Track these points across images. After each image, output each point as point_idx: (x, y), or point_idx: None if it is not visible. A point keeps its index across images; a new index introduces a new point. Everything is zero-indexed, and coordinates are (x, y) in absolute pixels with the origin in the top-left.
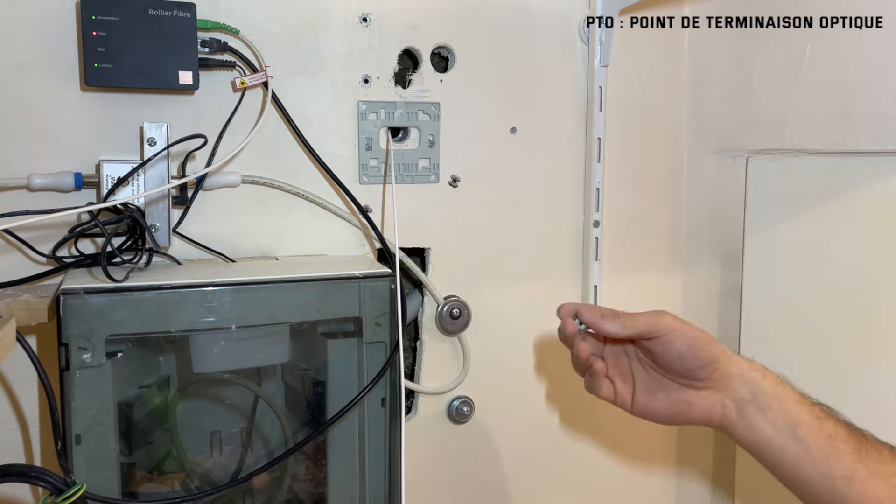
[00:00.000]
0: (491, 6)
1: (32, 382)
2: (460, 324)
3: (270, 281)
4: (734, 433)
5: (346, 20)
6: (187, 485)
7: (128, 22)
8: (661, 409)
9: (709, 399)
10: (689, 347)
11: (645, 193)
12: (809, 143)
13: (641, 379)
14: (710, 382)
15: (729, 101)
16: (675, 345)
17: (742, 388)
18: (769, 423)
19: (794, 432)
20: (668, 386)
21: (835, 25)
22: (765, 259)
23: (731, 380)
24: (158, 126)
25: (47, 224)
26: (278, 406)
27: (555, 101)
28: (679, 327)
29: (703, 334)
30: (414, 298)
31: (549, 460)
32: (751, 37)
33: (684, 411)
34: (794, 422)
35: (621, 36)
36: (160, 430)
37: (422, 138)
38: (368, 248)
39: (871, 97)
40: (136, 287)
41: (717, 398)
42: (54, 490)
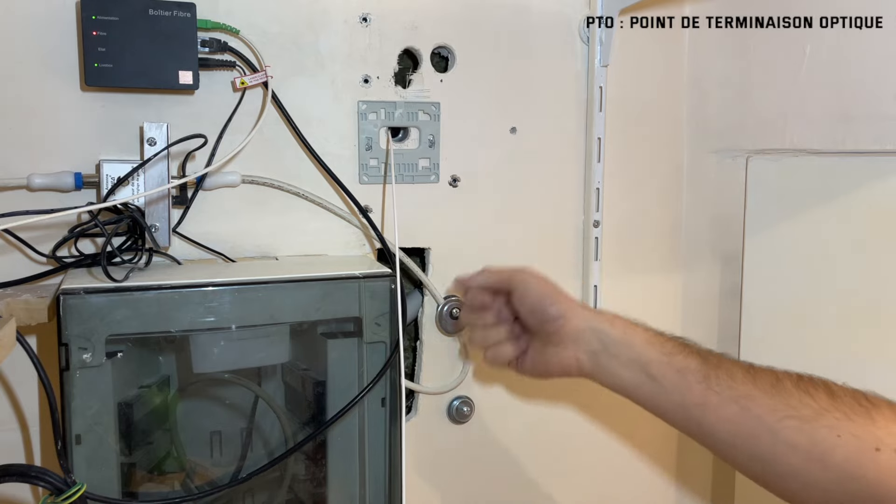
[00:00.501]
0: (491, 6)
1: (32, 382)
2: (460, 324)
3: (270, 281)
4: (595, 380)
5: (346, 20)
6: (187, 485)
7: (128, 22)
8: (532, 367)
9: (564, 354)
10: (539, 299)
11: (645, 193)
12: (809, 143)
13: (522, 342)
14: (563, 336)
15: (729, 101)
16: (527, 298)
17: (592, 339)
18: (622, 366)
19: (646, 371)
20: (534, 345)
21: (835, 25)
22: (765, 259)
23: (581, 333)
24: (158, 126)
25: (47, 224)
26: (278, 406)
27: (555, 101)
28: (530, 280)
29: (554, 290)
30: (414, 298)
31: (549, 461)
32: (751, 37)
33: (547, 368)
34: (644, 361)
35: (621, 36)
36: (160, 430)
37: (422, 138)
38: (368, 248)
39: (872, 97)
40: (136, 287)
41: (571, 352)
42: (54, 490)
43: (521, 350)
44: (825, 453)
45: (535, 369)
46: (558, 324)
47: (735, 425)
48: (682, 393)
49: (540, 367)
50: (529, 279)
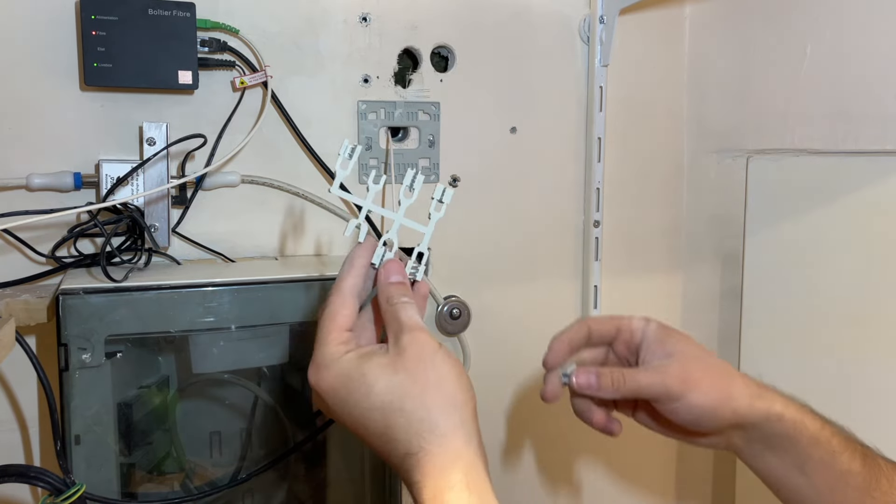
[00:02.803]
0: (491, 6)
1: (32, 383)
2: (460, 324)
3: (270, 281)
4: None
5: (345, 20)
6: (187, 485)
7: (127, 21)
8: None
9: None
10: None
11: (645, 193)
12: (810, 142)
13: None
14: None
15: (729, 101)
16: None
17: (754, 433)
18: (776, 458)
19: (803, 468)
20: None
21: (835, 25)
22: (765, 259)
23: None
24: (158, 126)
25: (46, 224)
26: (278, 406)
27: (555, 101)
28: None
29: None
30: None
31: (550, 462)
32: (751, 36)
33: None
34: (803, 459)
35: (621, 36)
36: (160, 430)
37: (422, 138)
38: None
39: (872, 97)
40: (135, 287)
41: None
42: (54, 490)
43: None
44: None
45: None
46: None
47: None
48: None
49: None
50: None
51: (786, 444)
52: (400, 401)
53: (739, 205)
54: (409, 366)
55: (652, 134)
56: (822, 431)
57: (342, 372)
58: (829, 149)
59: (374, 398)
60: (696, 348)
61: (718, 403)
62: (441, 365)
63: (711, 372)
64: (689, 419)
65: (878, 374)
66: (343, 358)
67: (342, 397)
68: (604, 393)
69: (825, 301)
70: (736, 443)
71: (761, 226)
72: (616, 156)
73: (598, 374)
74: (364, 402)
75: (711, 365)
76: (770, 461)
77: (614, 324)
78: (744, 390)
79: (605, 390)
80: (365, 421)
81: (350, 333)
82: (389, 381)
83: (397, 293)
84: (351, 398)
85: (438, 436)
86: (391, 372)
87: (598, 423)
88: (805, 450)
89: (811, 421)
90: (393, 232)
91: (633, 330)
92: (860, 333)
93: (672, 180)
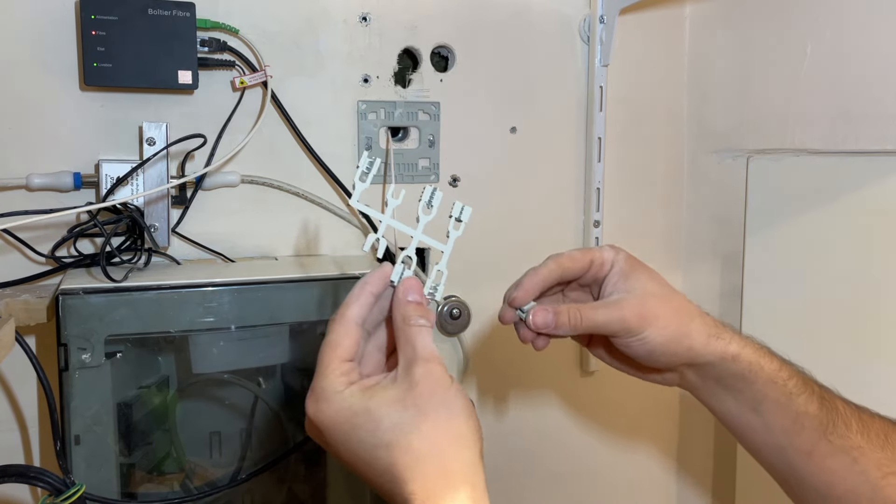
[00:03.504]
0: (491, 6)
1: (31, 383)
2: (460, 324)
3: (270, 281)
4: (693, 394)
5: (345, 20)
6: (186, 485)
7: (127, 21)
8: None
9: (667, 376)
10: (648, 353)
11: (645, 193)
12: (810, 142)
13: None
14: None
15: (729, 101)
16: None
17: (708, 373)
18: (731, 398)
19: (757, 408)
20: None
21: (835, 25)
22: (765, 259)
23: (697, 366)
24: (158, 126)
25: (46, 224)
26: (278, 406)
27: (555, 101)
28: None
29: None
30: None
31: (549, 461)
32: (751, 36)
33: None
34: (759, 400)
35: (621, 36)
36: (159, 430)
37: (422, 138)
38: None
39: (872, 97)
40: (135, 287)
41: (676, 376)
42: (53, 490)
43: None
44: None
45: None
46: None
47: (837, 477)
48: (790, 437)
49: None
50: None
51: (740, 385)
52: (408, 439)
53: (739, 205)
54: (420, 402)
55: (652, 134)
56: (780, 373)
57: (345, 407)
58: (829, 149)
59: (380, 435)
60: (657, 285)
61: (674, 340)
62: (453, 402)
63: (670, 308)
64: (644, 354)
65: (878, 373)
66: (345, 392)
67: (345, 432)
68: (561, 331)
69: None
70: (690, 381)
71: (761, 226)
72: (616, 156)
73: (555, 313)
74: (370, 438)
75: (671, 302)
76: (725, 400)
77: (588, 257)
78: (701, 328)
79: (563, 328)
80: (369, 458)
81: (351, 364)
82: (399, 418)
83: (415, 313)
84: (355, 434)
85: (445, 478)
86: (400, 408)
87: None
88: (760, 390)
89: (768, 362)
90: (411, 249)
91: (603, 261)
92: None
93: (672, 180)
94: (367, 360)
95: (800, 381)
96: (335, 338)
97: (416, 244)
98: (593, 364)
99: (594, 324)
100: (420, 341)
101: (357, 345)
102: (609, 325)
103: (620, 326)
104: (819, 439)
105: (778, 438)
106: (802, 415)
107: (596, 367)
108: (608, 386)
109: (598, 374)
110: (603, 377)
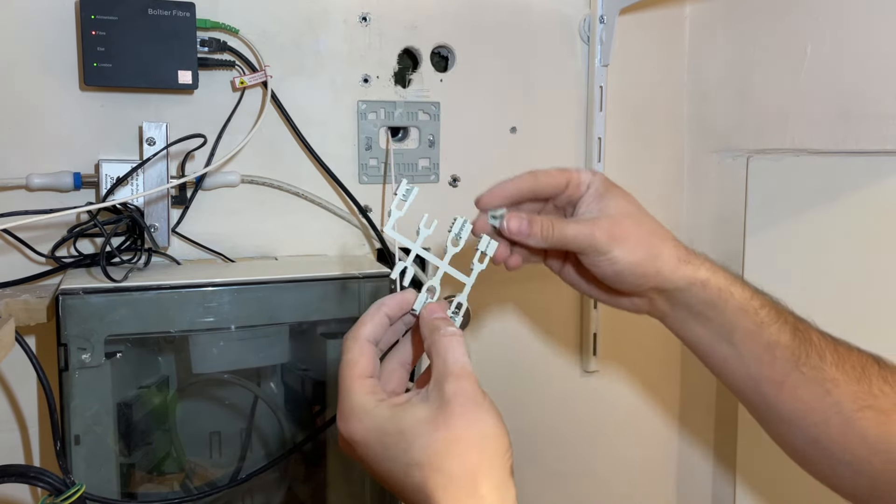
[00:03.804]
0: (491, 6)
1: (31, 383)
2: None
3: (270, 281)
4: (664, 324)
5: (345, 20)
6: (186, 485)
7: (127, 21)
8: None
9: (637, 301)
10: (616, 274)
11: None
12: (810, 142)
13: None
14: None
15: (729, 101)
16: (599, 269)
17: (677, 299)
18: (702, 326)
19: (728, 338)
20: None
21: (835, 25)
22: (765, 259)
23: (666, 292)
24: (158, 126)
25: (46, 224)
26: (278, 406)
27: (555, 101)
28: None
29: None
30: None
31: (549, 460)
32: (751, 36)
33: (609, 302)
34: (729, 328)
35: (621, 35)
36: (159, 430)
37: (422, 138)
38: (368, 249)
39: (872, 97)
40: (135, 287)
41: (646, 302)
42: (53, 490)
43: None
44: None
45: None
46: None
47: (809, 408)
48: (760, 367)
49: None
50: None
51: (710, 313)
52: (440, 459)
53: (739, 205)
54: (452, 422)
55: (652, 134)
56: (751, 301)
57: (376, 426)
58: (829, 149)
59: (412, 454)
60: (632, 207)
61: (643, 261)
62: (485, 421)
63: (642, 230)
64: (612, 274)
65: None
66: (375, 410)
67: (378, 452)
68: (532, 240)
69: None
70: (660, 308)
71: (761, 225)
72: (616, 156)
73: (529, 221)
74: (402, 457)
75: (644, 224)
76: (695, 329)
77: (565, 177)
78: (672, 252)
79: (534, 237)
80: (403, 477)
81: (373, 381)
82: (430, 438)
83: (444, 324)
84: (387, 454)
85: (476, 499)
86: (432, 428)
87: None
88: (730, 319)
89: (739, 290)
90: (436, 279)
91: (580, 182)
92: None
93: (672, 180)
94: (391, 376)
95: (772, 310)
96: (351, 357)
97: (442, 275)
98: (593, 364)
99: (564, 236)
100: (451, 355)
101: (374, 362)
102: (578, 240)
103: (589, 243)
104: (791, 370)
105: (750, 368)
106: (774, 344)
107: (596, 367)
108: (608, 386)
109: (598, 374)
110: (603, 377)
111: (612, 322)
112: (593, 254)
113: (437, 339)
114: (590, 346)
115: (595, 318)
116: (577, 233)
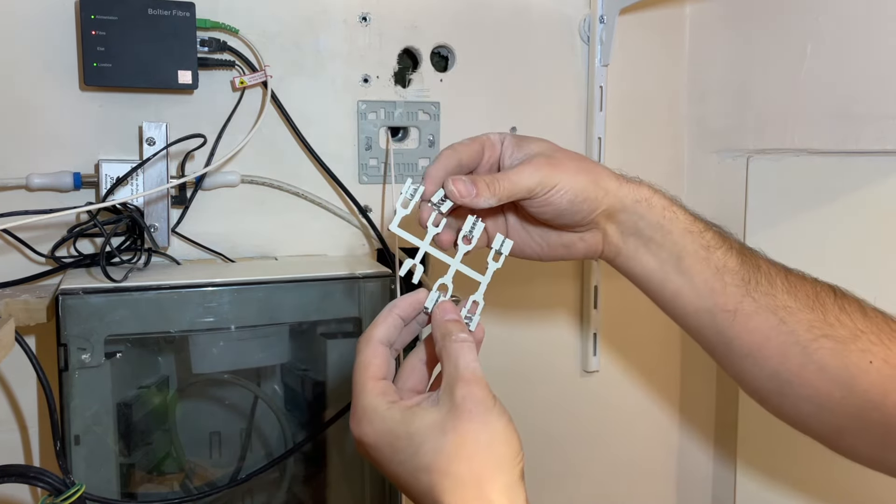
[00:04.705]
0: (491, 5)
1: (31, 383)
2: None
3: (270, 281)
4: (615, 264)
5: (345, 20)
6: (186, 485)
7: (127, 21)
8: (538, 252)
9: (589, 239)
10: (570, 203)
11: None
12: (810, 142)
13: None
14: (592, 224)
15: (729, 101)
16: (552, 205)
17: (626, 222)
18: (650, 254)
19: (678, 265)
20: (543, 231)
21: (835, 25)
22: None
23: (614, 214)
24: (157, 125)
25: (46, 224)
26: (277, 406)
27: (555, 100)
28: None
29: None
30: None
31: (549, 461)
32: (751, 36)
33: (564, 254)
34: (677, 253)
35: (621, 35)
36: (159, 430)
37: (422, 138)
38: (368, 248)
39: (873, 96)
40: (135, 287)
41: (598, 236)
42: (53, 490)
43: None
44: (853, 378)
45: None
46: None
47: (765, 338)
48: (713, 295)
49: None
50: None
51: (658, 236)
52: (447, 463)
53: (739, 205)
54: (461, 426)
55: (652, 134)
56: (695, 224)
57: (386, 429)
58: (829, 149)
59: (421, 458)
60: (552, 145)
61: (588, 185)
62: (494, 426)
63: (573, 160)
64: (566, 205)
65: None
66: (386, 412)
67: (387, 455)
68: (482, 199)
69: None
70: (613, 241)
71: (761, 225)
72: (616, 156)
73: (473, 181)
74: (411, 461)
75: (572, 155)
76: (646, 260)
77: (478, 142)
78: (610, 174)
79: (483, 196)
80: (411, 480)
81: (386, 382)
82: (438, 442)
83: (456, 328)
84: (396, 457)
85: (486, 502)
86: (440, 433)
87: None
88: (678, 242)
89: (682, 212)
90: (448, 278)
91: (493, 142)
92: None
93: (672, 180)
94: (411, 373)
95: (716, 234)
96: (364, 359)
97: (454, 273)
98: (593, 364)
99: (511, 184)
100: (462, 360)
101: (387, 364)
102: (525, 182)
103: (537, 181)
104: (743, 297)
105: (703, 299)
106: (723, 269)
107: (596, 367)
108: (608, 386)
109: (598, 374)
110: (603, 377)
111: (612, 322)
112: (542, 191)
113: (448, 344)
114: (590, 347)
115: (595, 318)
116: (520, 176)
